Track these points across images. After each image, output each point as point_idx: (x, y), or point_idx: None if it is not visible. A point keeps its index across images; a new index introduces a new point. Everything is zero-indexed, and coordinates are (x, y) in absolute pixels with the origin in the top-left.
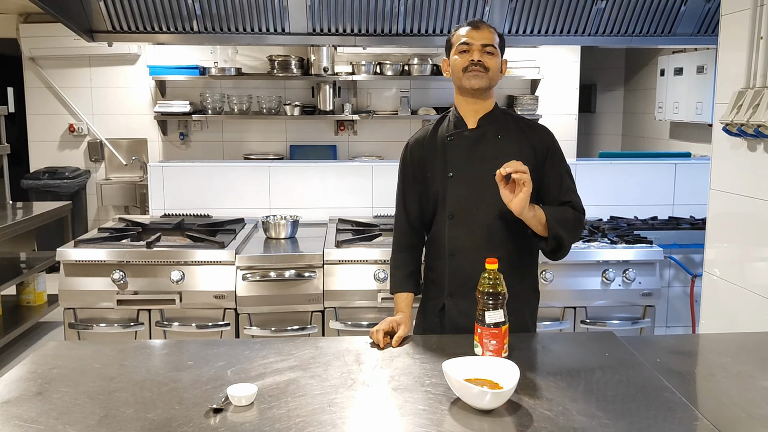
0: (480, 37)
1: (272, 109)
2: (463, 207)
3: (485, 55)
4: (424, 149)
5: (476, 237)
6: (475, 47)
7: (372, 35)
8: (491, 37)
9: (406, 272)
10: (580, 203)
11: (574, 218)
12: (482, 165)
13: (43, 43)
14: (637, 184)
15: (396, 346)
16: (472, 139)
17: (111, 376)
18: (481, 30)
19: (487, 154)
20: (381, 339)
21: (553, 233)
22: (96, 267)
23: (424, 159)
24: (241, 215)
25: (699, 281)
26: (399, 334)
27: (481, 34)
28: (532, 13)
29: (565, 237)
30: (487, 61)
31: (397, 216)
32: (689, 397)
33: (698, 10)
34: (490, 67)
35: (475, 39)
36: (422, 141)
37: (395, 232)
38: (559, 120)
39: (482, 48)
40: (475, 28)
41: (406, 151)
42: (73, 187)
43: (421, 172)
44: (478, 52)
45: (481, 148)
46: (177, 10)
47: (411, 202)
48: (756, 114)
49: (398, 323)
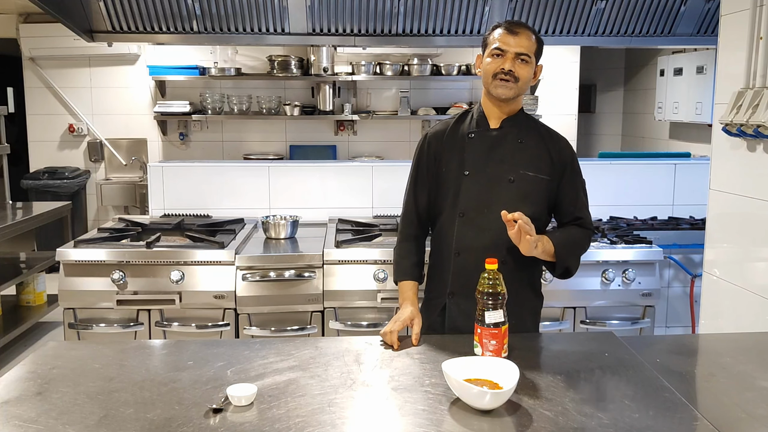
0: (515, 44)
1: (272, 109)
2: (475, 206)
3: (518, 64)
4: (443, 143)
5: (484, 238)
6: (509, 55)
7: (372, 35)
8: (527, 44)
9: (413, 261)
10: (590, 219)
11: (582, 240)
12: (500, 166)
13: (43, 43)
14: (637, 184)
15: (416, 343)
16: (493, 139)
17: (111, 376)
18: (518, 36)
19: (506, 156)
20: (395, 341)
21: (562, 265)
22: (96, 267)
23: (441, 153)
24: (240, 215)
25: (699, 281)
26: (416, 331)
27: (517, 41)
28: (532, 13)
29: (573, 266)
30: (519, 71)
31: (405, 206)
32: (689, 397)
33: (698, 10)
34: (521, 77)
35: (509, 46)
36: (441, 135)
37: (402, 222)
38: (559, 120)
39: (516, 56)
40: (512, 33)
41: (424, 142)
42: (72, 187)
43: (435, 166)
44: (510, 61)
45: (500, 149)
46: (177, 10)
47: (421, 193)
48: (755, 114)
49: (411, 319)
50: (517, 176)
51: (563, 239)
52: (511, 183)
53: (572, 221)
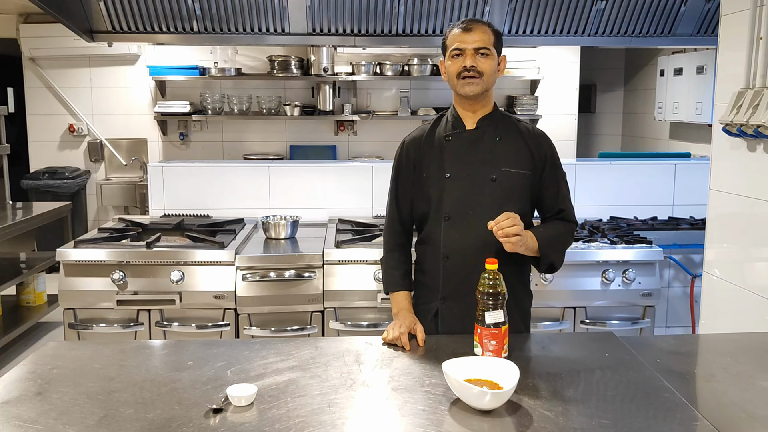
0: (472, 40)
1: (272, 110)
2: (460, 209)
3: (478, 59)
4: (421, 149)
5: (471, 239)
6: (468, 52)
7: (372, 35)
8: (484, 37)
9: (402, 271)
10: (572, 211)
11: (565, 235)
12: (480, 166)
13: (43, 43)
14: (637, 184)
15: (422, 345)
16: (471, 140)
17: (111, 377)
18: (473, 32)
19: (486, 155)
20: (407, 342)
21: (546, 260)
22: (96, 267)
23: (420, 159)
24: (241, 215)
25: (699, 281)
26: (421, 335)
27: (473, 37)
28: (532, 13)
29: (557, 261)
30: (481, 65)
31: (389, 215)
32: (689, 398)
33: (698, 11)
34: (484, 70)
35: (467, 42)
36: (419, 140)
37: (387, 231)
38: (559, 120)
39: (475, 52)
40: (467, 31)
41: (402, 149)
42: (73, 187)
43: (416, 172)
44: (470, 57)
45: (479, 149)
46: (177, 10)
47: (403, 201)
48: (756, 114)
49: (413, 323)
50: (499, 174)
51: (547, 235)
52: (494, 182)
53: (555, 214)
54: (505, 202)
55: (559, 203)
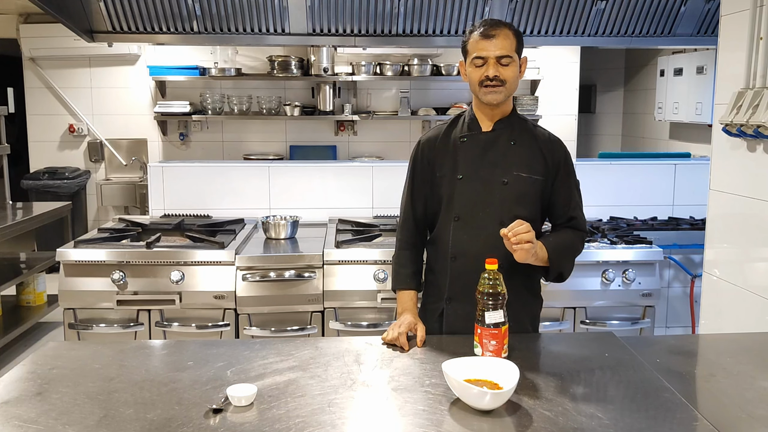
0: (494, 48)
1: (272, 110)
2: (470, 210)
3: (501, 68)
4: (436, 148)
5: (480, 241)
6: (490, 61)
7: (372, 36)
8: (506, 44)
9: (412, 270)
10: (583, 220)
11: (575, 244)
12: (493, 169)
13: (43, 44)
14: (637, 184)
15: (420, 345)
16: (486, 142)
17: (111, 377)
18: (496, 38)
19: (499, 158)
20: (406, 342)
21: (556, 270)
22: (96, 267)
23: (435, 158)
24: (241, 215)
25: (699, 282)
26: (421, 335)
27: (496, 44)
28: (532, 13)
29: (566, 271)
30: (504, 74)
31: (403, 213)
32: (689, 398)
33: (698, 11)
34: (507, 78)
35: (489, 51)
36: (434, 140)
37: (400, 229)
38: (559, 120)
39: (497, 60)
40: (488, 38)
41: (418, 149)
42: (72, 187)
43: (430, 172)
44: (493, 67)
45: (493, 151)
46: (177, 11)
47: (418, 200)
48: (756, 114)
49: (414, 324)
50: (511, 178)
51: (557, 244)
52: (505, 185)
53: (565, 222)
54: (515, 206)
55: (570, 211)
